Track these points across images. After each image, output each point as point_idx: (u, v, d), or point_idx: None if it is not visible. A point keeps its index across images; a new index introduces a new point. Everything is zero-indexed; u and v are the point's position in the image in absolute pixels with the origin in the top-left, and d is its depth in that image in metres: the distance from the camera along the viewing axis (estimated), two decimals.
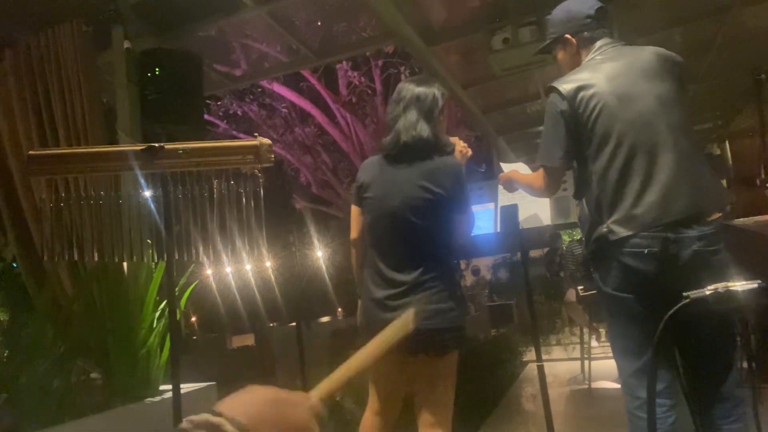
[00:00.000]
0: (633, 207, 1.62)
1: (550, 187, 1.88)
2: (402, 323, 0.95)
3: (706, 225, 1.58)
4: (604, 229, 1.65)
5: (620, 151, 1.66)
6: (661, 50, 1.77)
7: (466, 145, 2.06)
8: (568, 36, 1.87)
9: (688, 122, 1.71)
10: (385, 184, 1.89)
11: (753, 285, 1.11)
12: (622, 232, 1.62)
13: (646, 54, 1.76)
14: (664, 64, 1.72)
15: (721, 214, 1.59)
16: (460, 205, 1.91)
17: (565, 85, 1.76)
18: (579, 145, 1.75)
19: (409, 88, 1.95)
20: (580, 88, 1.73)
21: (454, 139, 2.01)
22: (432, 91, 1.94)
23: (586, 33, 1.84)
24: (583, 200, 1.80)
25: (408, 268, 1.83)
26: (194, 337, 10.04)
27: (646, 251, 1.59)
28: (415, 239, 1.86)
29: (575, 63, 1.87)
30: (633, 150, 1.65)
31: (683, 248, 1.57)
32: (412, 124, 1.88)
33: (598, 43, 1.82)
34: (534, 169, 2.06)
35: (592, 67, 1.78)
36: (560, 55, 1.93)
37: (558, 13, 1.93)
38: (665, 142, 1.63)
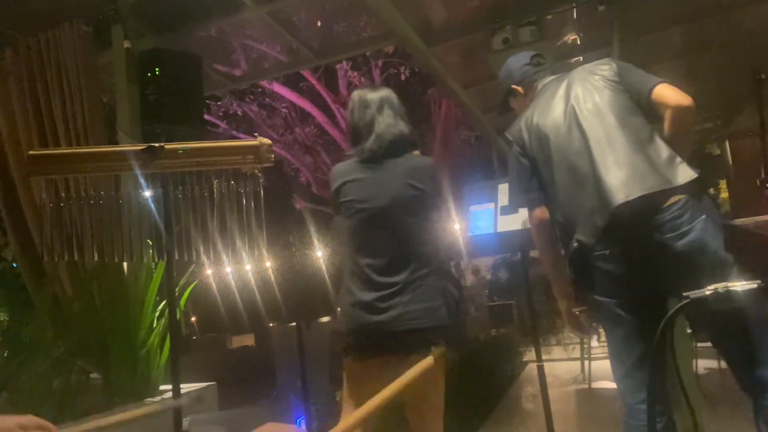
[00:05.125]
0: (587, 216, 1.67)
1: (538, 225, 1.90)
2: (427, 363, 0.94)
3: (663, 212, 1.55)
4: (575, 245, 1.71)
5: (561, 170, 1.75)
6: (590, 65, 1.87)
7: None
8: (513, 87, 2.07)
9: (628, 115, 1.71)
10: (370, 186, 1.88)
11: (753, 285, 1.11)
12: (588, 240, 1.66)
13: (576, 74, 1.87)
14: (592, 71, 1.83)
15: (679, 198, 1.55)
16: (440, 201, 1.96)
17: (512, 131, 1.93)
18: (542, 181, 1.85)
19: (370, 94, 1.98)
20: (521, 129, 1.89)
21: None
22: (392, 94, 2.00)
23: (527, 80, 2.03)
24: (558, 228, 1.86)
25: (398, 268, 1.82)
26: (194, 337, 10.04)
27: (608, 252, 1.63)
28: (405, 238, 1.86)
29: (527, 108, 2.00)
30: (571, 165, 1.72)
31: (643, 240, 1.57)
32: (391, 124, 1.91)
33: (539, 84, 1.98)
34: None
35: (532, 106, 1.91)
36: (514, 105, 2.11)
37: (500, 73, 2.14)
38: (598, 145, 1.68)
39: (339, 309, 1.93)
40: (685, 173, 1.59)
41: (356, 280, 1.86)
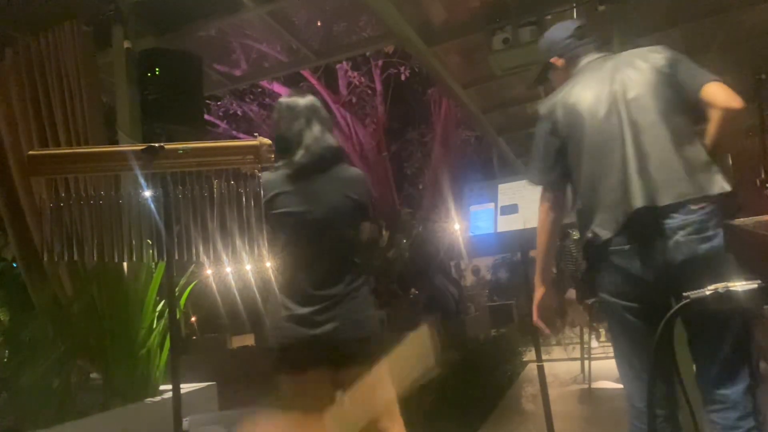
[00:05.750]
0: (608, 208, 1.63)
1: (547, 209, 1.85)
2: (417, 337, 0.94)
3: (691, 213, 1.52)
4: (590, 235, 1.67)
5: (589, 156, 1.69)
6: (642, 50, 1.76)
7: None
8: (553, 60, 1.96)
9: (672, 112, 1.64)
10: (306, 198, 1.83)
11: (753, 285, 1.11)
12: (604, 234, 1.62)
13: (624, 57, 1.78)
14: (643, 57, 1.73)
15: (706, 204, 1.52)
16: (369, 210, 1.96)
17: (546, 105, 1.84)
18: (566, 162, 1.78)
19: (298, 103, 1.93)
20: (556, 106, 1.80)
21: None
22: (318, 103, 1.97)
23: (569, 54, 1.91)
24: (576, 214, 1.82)
25: (335, 280, 1.80)
26: (194, 337, 10.05)
27: (627, 248, 1.59)
28: (342, 250, 1.85)
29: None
30: (601, 152, 1.67)
31: (665, 239, 1.53)
32: (319, 138, 1.87)
33: (584, 60, 1.87)
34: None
35: (572, 82, 1.83)
36: (553, 78, 2.01)
37: (542, 42, 2.03)
38: (635, 138, 1.62)
39: (269, 324, 1.85)
40: (718, 184, 1.55)
41: (290, 293, 1.81)
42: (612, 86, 1.71)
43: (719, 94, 1.58)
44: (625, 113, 1.66)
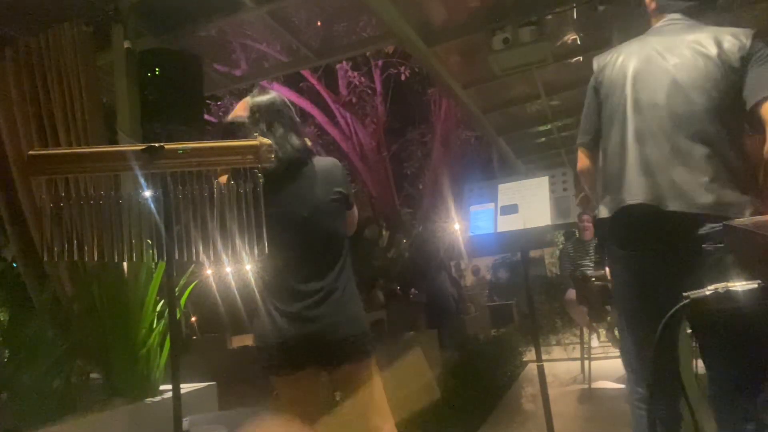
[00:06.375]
0: (615, 189, 1.59)
1: (582, 169, 1.79)
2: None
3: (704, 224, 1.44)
4: (599, 207, 1.66)
5: (622, 132, 1.60)
6: (724, 32, 1.58)
7: None
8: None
9: (721, 113, 1.49)
10: (286, 198, 1.82)
11: (753, 285, 1.11)
12: (605, 213, 1.62)
13: (700, 35, 1.60)
14: (719, 40, 1.55)
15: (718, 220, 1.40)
16: (350, 200, 1.94)
17: (599, 60, 1.75)
18: (600, 125, 1.71)
19: (257, 105, 1.90)
20: (607, 64, 1.71)
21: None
22: (279, 99, 1.93)
23: (660, 4, 1.75)
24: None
25: (321, 274, 1.79)
26: (194, 337, 10.03)
27: (636, 252, 1.56)
28: (327, 244, 1.84)
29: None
30: (635, 133, 1.57)
31: (681, 241, 1.48)
32: (282, 142, 1.84)
33: (667, 16, 1.72)
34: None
35: (638, 41, 1.71)
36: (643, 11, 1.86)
37: None
38: (663, 127, 1.52)
39: (257, 323, 1.84)
40: (737, 208, 1.42)
41: (279, 291, 1.80)
42: (667, 63, 1.57)
43: None
44: (665, 95, 1.54)
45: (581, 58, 4.73)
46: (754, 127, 1.47)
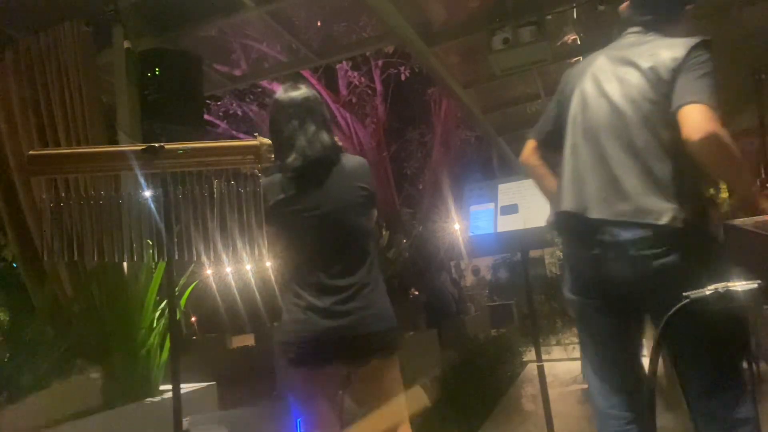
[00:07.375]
0: (559, 198, 1.64)
1: (522, 157, 1.85)
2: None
3: (641, 228, 1.45)
4: (550, 218, 1.72)
5: (565, 146, 1.67)
6: (666, 43, 1.59)
7: None
8: (621, 8, 1.79)
9: (654, 126, 1.51)
10: (317, 195, 1.81)
11: (753, 285, 1.11)
12: (550, 219, 1.69)
13: (644, 48, 1.62)
14: (651, 59, 1.57)
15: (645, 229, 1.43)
16: (376, 198, 1.94)
17: (577, 64, 1.80)
18: (559, 128, 1.74)
19: (289, 100, 1.88)
20: (574, 70, 1.77)
21: None
22: (312, 95, 1.91)
23: (621, 15, 1.76)
24: None
25: (353, 269, 1.79)
26: (194, 337, 10.04)
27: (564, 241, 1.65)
28: (358, 240, 1.84)
29: None
30: (572, 147, 1.65)
31: (593, 249, 1.53)
32: (312, 139, 1.82)
33: (629, 29, 1.73)
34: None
35: (597, 54, 1.74)
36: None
37: None
38: (603, 142, 1.57)
39: (285, 319, 1.82)
40: (670, 215, 1.42)
41: (308, 287, 1.78)
42: (608, 78, 1.63)
43: (688, 121, 1.41)
44: (603, 114, 1.59)
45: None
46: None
